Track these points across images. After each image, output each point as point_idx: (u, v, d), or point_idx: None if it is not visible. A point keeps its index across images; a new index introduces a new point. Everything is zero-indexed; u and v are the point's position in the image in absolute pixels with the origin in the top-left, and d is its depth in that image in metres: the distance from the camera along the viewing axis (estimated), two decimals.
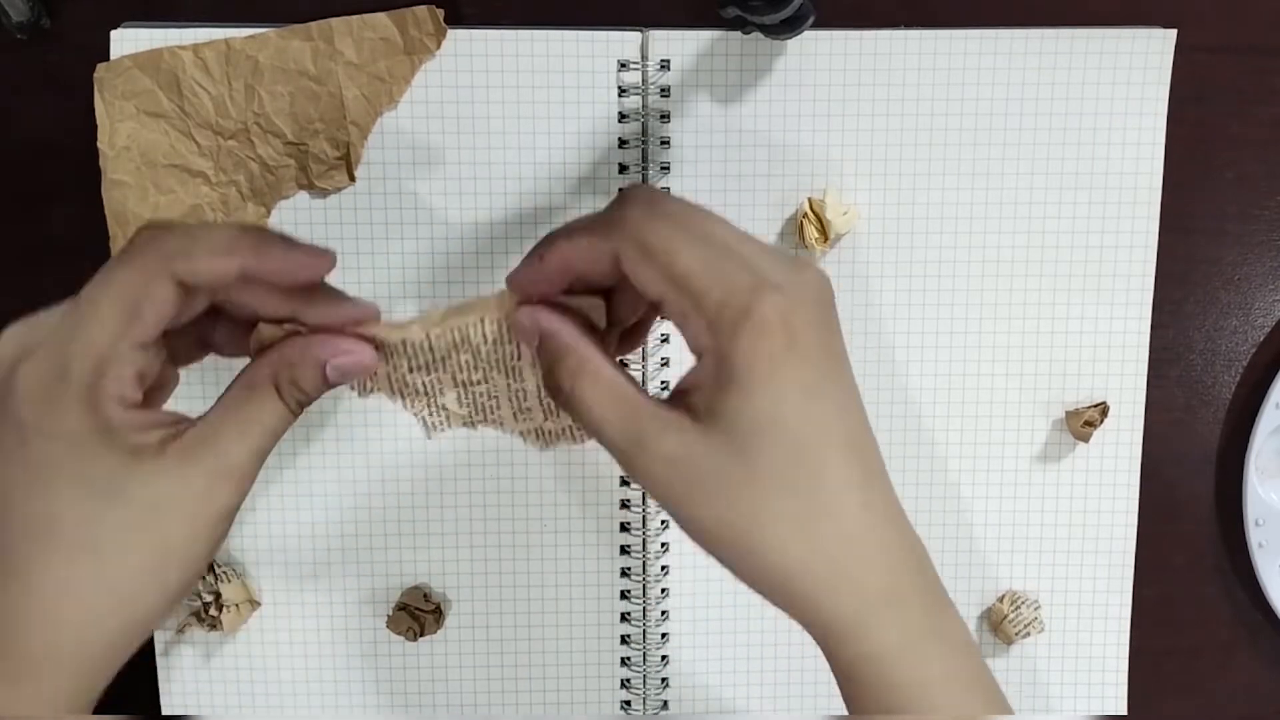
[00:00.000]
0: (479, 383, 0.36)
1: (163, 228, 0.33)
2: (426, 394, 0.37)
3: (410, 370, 0.36)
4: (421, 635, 0.54)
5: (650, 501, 0.54)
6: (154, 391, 0.35)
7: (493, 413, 0.37)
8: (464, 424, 0.38)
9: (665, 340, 0.53)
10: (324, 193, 0.51)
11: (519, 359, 0.36)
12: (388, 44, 0.49)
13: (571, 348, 0.34)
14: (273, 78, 0.49)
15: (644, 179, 0.51)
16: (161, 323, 0.32)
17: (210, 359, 0.37)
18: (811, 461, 0.32)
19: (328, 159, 0.50)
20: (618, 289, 0.35)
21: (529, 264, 0.34)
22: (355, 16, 0.49)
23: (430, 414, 0.37)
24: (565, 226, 0.34)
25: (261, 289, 0.33)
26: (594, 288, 0.35)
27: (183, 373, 0.37)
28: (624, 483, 0.54)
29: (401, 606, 0.54)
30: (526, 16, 0.50)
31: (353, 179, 0.51)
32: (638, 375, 0.53)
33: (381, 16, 0.49)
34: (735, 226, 0.33)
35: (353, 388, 0.36)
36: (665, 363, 0.53)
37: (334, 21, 0.49)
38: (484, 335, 0.35)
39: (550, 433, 0.38)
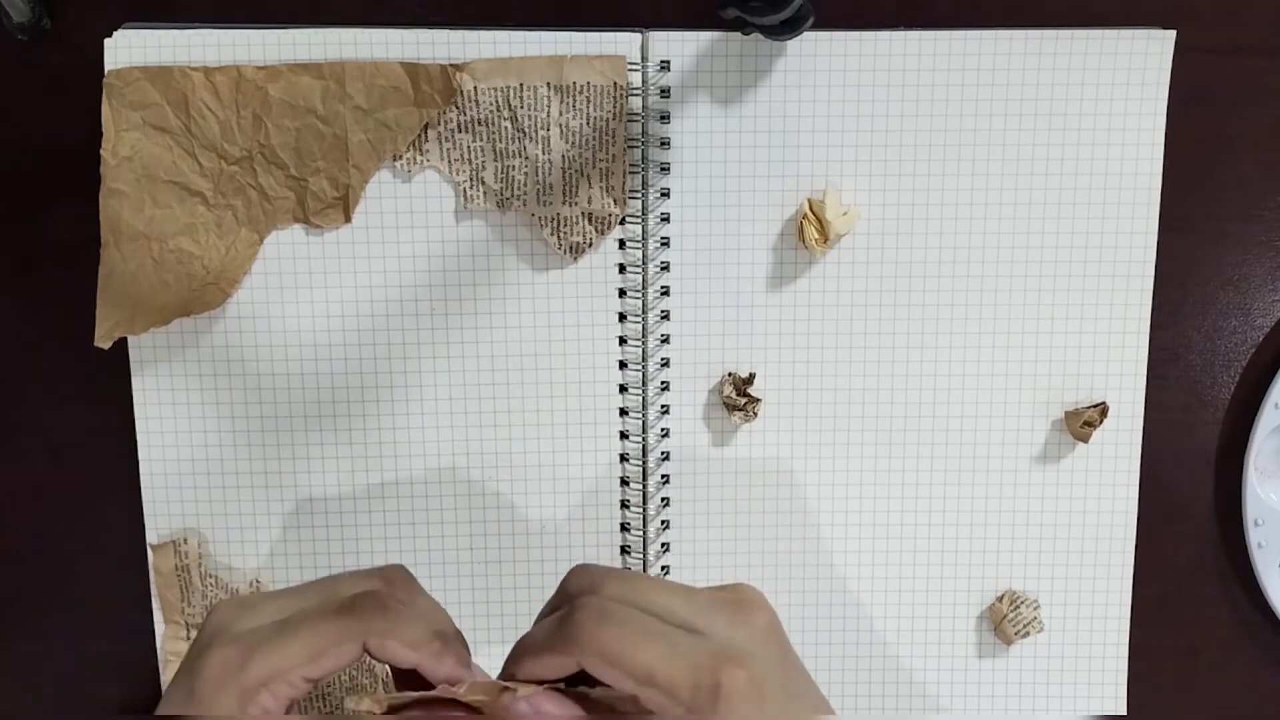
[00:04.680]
0: None
1: (377, 601, 0.36)
2: None
3: None
4: None
5: (651, 502, 0.54)
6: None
7: None
8: None
9: (665, 340, 0.53)
10: (319, 229, 0.51)
11: None
12: (398, 93, 0.49)
13: None
14: (280, 111, 0.49)
15: (644, 180, 0.51)
16: (335, 671, 0.36)
17: None
18: None
19: (326, 197, 0.50)
20: None
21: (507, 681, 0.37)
22: (369, 61, 0.49)
23: None
24: (524, 644, 0.37)
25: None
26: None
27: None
28: (624, 483, 0.54)
29: None
30: (527, 17, 0.50)
31: (349, 219, 0.51)
32: (638, 374, 0.53)
33: (395, 65, 0.49)
34: (671, 585, 0.37)
35: None
36: (665, 363, 0.53)
37: (347, 64, 0.49)
38: None
39: None
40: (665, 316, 0.53)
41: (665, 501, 0.54)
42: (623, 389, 0.53)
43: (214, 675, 0.35)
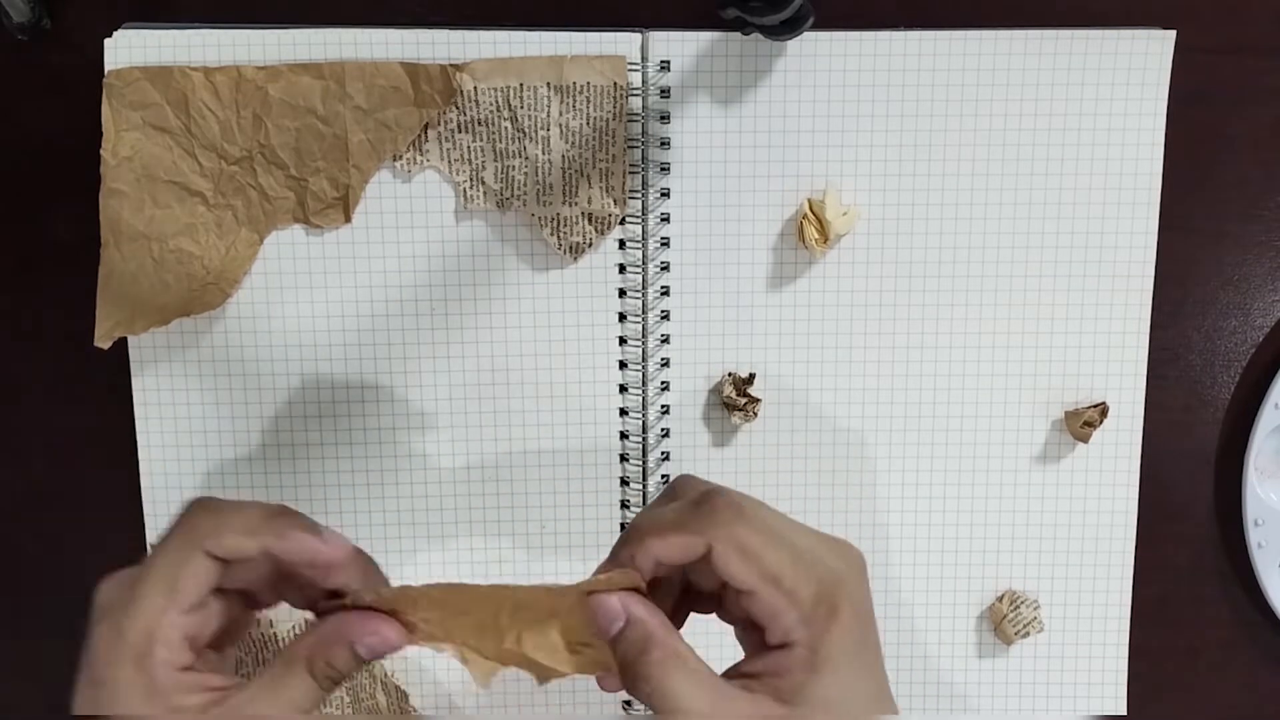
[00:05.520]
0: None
1: (201, 506, 0.37)
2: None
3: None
4: None
5: (649, 501, 0.54)
6: (226, 635, 0.38)
7: None
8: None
9: (665, 340, 0.53)
10: (319, 229, 0.51)
11: None
12: (398, 93, 0.49)
13: (658, 639, 0.36)
14: (280, 111, 0.49)
15: (644, 180, 0.51)
16: (200, 592, 0.36)
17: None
18: None
19: (326, 198, 0.50)
20: (693, 568, 0.37)
21: (619, 565, 0.37)
22: (369, 61, 0.49)
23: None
24: (649, 523, 0.37)
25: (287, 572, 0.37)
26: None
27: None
28: (624, 482, 0.54)
29: None
30: (527, 17, 0.50)
31: (349, 220, 0.51)
32: (638, 374, 0.53)
33: (395, 65, 0.49)
34: (787, 518, 0.37)
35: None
36: (665, 363, 0.53)
37: (347, 64, 0.49)
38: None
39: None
40: (665, 316, 0.53)
41: None
42: (623, 389, 0.53)
43: (101, 652, 0.36)
